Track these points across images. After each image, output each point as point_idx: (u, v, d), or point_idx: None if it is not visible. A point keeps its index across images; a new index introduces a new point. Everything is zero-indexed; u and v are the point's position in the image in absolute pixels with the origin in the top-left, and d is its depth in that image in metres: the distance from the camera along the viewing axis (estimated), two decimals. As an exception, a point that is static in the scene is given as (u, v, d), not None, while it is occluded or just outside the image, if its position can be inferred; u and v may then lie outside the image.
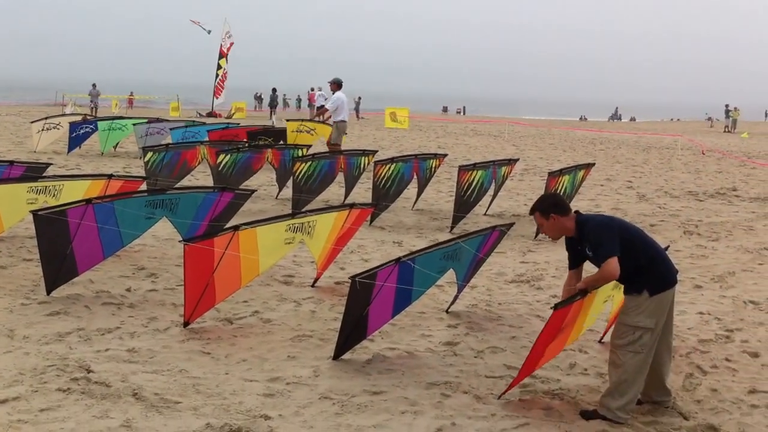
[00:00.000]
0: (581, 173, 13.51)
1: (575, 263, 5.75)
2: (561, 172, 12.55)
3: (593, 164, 15.25)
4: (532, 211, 5.70)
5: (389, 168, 12.71)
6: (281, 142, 18.67)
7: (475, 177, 12.48)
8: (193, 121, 23.45)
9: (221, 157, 12.92)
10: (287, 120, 21.35)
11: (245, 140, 17.99)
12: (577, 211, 5.67)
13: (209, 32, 48.44)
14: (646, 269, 5.39)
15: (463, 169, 12.34)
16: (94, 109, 40.84)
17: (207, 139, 17.11)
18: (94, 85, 43.73)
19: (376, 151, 15.06)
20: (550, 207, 5.59)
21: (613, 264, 5.28)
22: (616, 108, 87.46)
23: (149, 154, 13.01)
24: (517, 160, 15.53)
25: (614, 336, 5.47)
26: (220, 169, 12.87)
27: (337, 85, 17.69)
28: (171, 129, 19.42)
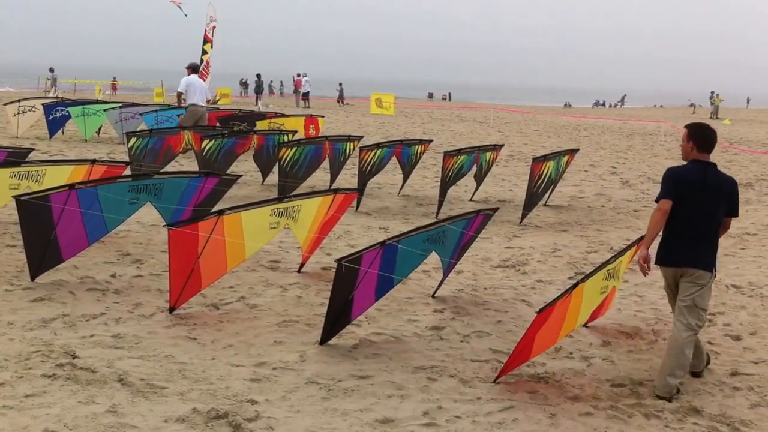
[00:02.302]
0: (565, 159, 13.56)
1: None
2: (545, 157, 12.59)
3: (577, 150, 15.31)
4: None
5: (375, 153, 12.70)
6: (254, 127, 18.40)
7: (458, 161, 12.59)
8: (168, 105, 23.23)
9: (205, 142, 12.85)
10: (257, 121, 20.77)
11: (217, 125, 17.81)
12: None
13: (186, 15, 48.28)
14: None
15: (448, 155, 12.38)
16: (54, 90, 40.76)
17: (178, 125, 16.53)
18: (51, 70, 43.27)
19: (362, 137, 15.04)
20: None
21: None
22: (623, 95, 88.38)
23: (133, 140, 12.90)
24: (502, 146, 15.58)
25: (691, 317, 5.63)
26: (204, 154, 12.81)
27: (191, 69, 17.22)
28: (142, 114, 18.86)
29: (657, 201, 5.76)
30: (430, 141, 15.38)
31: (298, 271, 8.32)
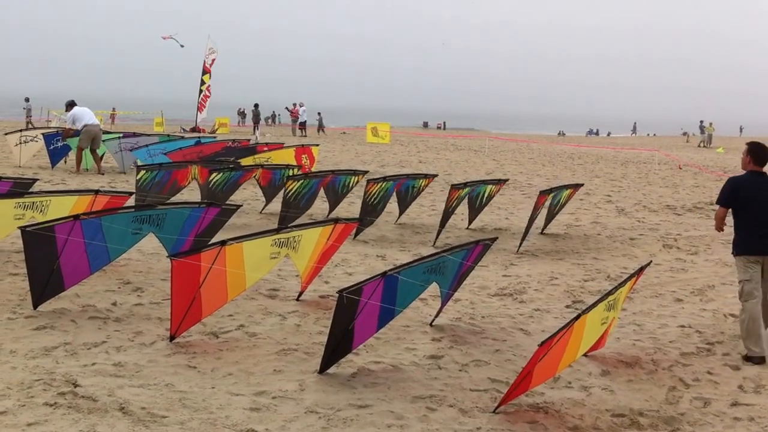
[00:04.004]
0: (567, 192, 13.92)
1: None
2: (551, 191, 12.90)
3: (581, 185, 15.56)
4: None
5: (380, 186, 12.92)
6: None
7: (463, 193, 12.85)
8: (168, 136, 23.35)
9: (213, 175, 13.00)
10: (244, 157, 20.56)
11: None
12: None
13: (182, 46, 48.83)
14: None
15: (455, 188, 12.63)
16: (29, 122, 40.51)
17: (167, 161, 16.83)
18: (27, 99, 43.25)
19: (367, 171, 15.20)
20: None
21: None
22: (635, 123, 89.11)
23: (142, 173, 12.99)
24: (507, 180, 15.79)
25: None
26: (210, 186, 12.92)
27: (71, 105, 19.57)
28: (131, 150, 19.22)
29: (717, 203, 7.63)
30: (435, 175, 15.55)
31: (297, 300, 8.36)
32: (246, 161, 18.57)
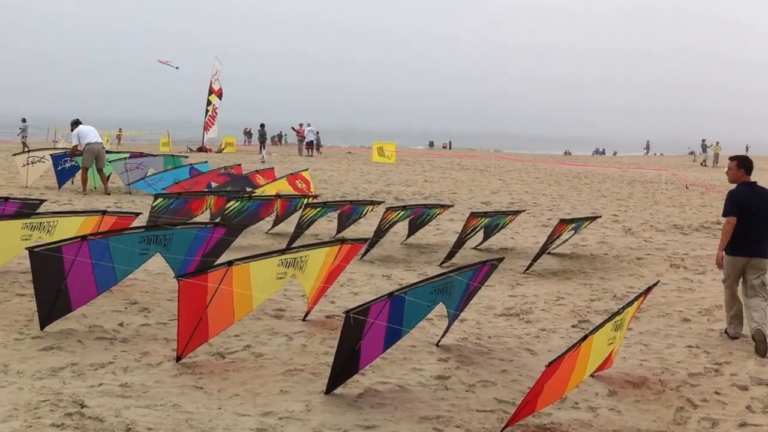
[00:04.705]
0: (586, 224, 14.08)
1: None
2: (573, 220, 13.06)
3: (599, 216, 15.65)
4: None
5: (398, 214, 13.03)
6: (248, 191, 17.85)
7: (481, 222, 12.94)
8: (172, 156, 23.42)
9: (231, 203, 13.01)
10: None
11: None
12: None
13: (177, 68, 49.51)
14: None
15: (474, 215, 12.75)
16: (24, 144, 40.55)
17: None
18: (23, 120, 43.42)
19: (383, 201, 15.28)
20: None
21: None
22: (647, 141, 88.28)
23: (159, 200, 13.02)
24: (523, 211, 15.89)
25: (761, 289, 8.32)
26: (226, 212, 12.91)
27: (75, 123, 19.87)
28: (129, 185, 19.50)
29: (724, 216, 8.42)
30: (451, 205, 15.62)
31: (303, 320, 8.37)
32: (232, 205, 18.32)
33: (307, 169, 21.93)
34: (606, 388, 6.73)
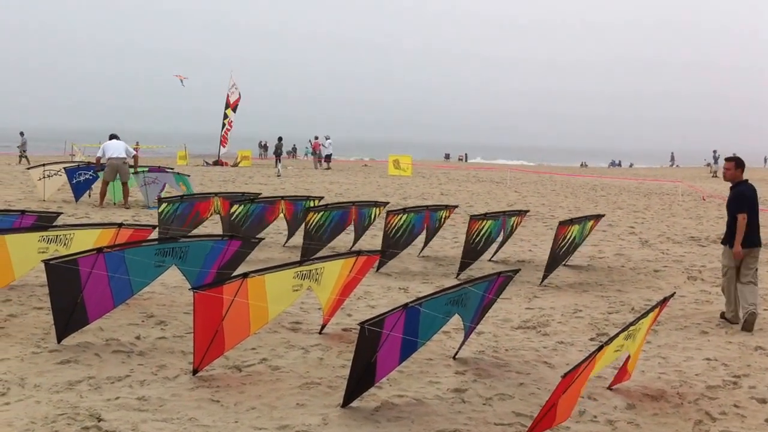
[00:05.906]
0: (590, 224, 13.72)
1: None
2: (571, 221, 12.75)
3: (602, 215, 15.42)
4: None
5: (401, 218, 12.90)
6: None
7: (484, 226, 12.70)
8: (179, 174, 23.43)
9: (234, 207, 13.01)
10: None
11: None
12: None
13: (183, 86, 50.53)
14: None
15: (474, 219, 12.55)
16: (23, 157, 40.68)
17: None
18: (21, 134, 43.54)
19: (388, 203, 15.24)
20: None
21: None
22: (672, 153, 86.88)
23: (164, 205, 13.10)
24: (527, 211, 15.74)
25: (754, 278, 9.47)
26: (232, 219, 12.93)
27: (111, 138, 20.25)
28: (150, 206, 19.23)
29: (739, 213, 9.29)
30: (456, 206, 15.57)
31: (320, 333, 8.36)
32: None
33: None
34: (624, 402, 6.67)
